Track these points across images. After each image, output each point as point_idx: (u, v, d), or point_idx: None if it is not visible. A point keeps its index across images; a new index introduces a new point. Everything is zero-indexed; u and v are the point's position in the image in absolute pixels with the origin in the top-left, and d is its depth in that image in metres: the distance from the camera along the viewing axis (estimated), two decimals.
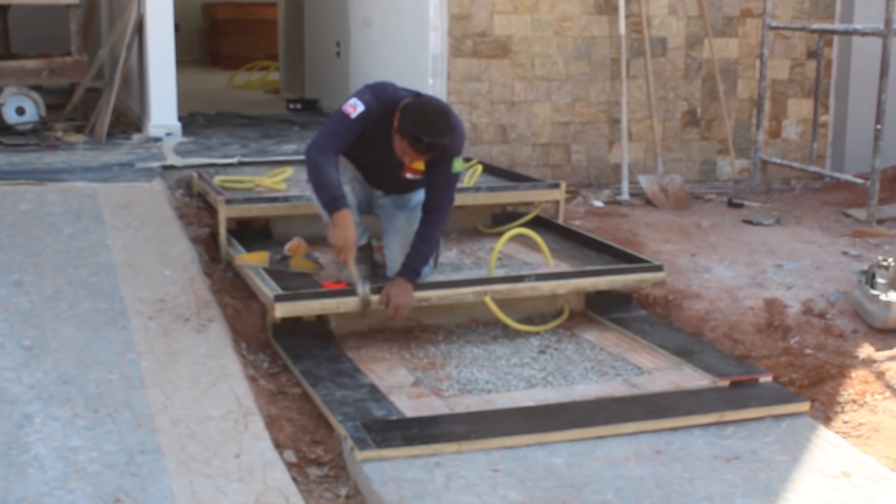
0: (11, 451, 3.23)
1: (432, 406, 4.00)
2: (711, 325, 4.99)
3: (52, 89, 8.44)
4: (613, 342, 4.74)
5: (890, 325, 4.72)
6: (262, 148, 7.13)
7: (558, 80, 7.22)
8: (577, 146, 7.34)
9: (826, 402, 4.40)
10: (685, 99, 7.52)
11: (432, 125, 4.31)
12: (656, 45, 7.38)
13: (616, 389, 4.21)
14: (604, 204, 6.90)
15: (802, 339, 4.82)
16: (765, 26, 7.32)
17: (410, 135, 4.31)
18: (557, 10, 7.15)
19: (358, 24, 8.45)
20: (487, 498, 3.31)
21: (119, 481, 3.09)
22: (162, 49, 7.40)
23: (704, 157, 7.64)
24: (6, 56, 8.39)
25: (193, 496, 3.03)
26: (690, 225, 6.47)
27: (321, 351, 4.46)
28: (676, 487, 3.41)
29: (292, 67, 10.57)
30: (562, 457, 3.60)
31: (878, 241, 6.13)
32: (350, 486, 3.48)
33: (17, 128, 7.35)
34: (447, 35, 6.97)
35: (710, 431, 3.84)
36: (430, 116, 4.33)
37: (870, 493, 3.46)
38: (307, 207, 5.43)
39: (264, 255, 4.81)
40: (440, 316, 4.85)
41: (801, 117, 7.79)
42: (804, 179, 7.81)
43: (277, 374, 4.34)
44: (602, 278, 4.94)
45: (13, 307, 4.33)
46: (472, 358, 4.52)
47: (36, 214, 5.38)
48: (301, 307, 4.45)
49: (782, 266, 5.59)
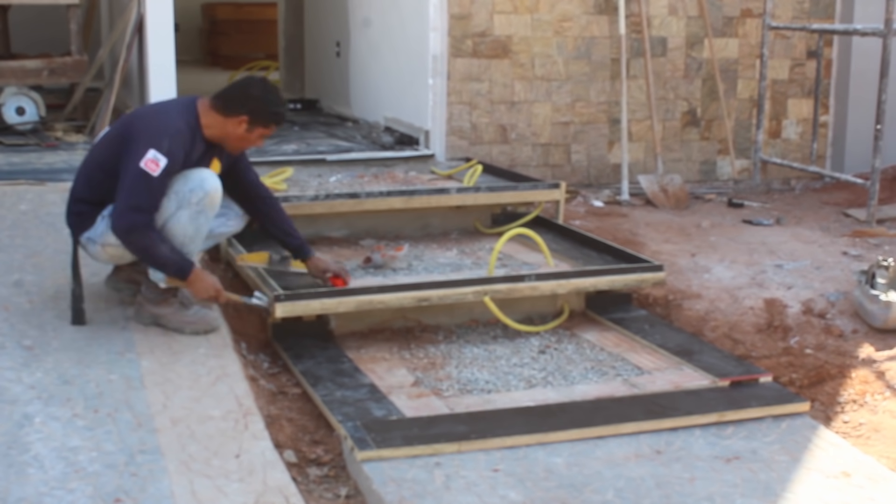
0: (11, 451, 3.23)
1: (432, 406, 4.00)
2: (711, 325, 4.99)
3: (52, 89, 8.43)
4: (613, 342, 4.74)
5: (890, 325, 4.72)
6: (261, 148, 7.11)
7: (558, 80, 7.22)
8: (577, 146, 7.34)
9: (826, 402, 4.40)
10: (685, 99, 7.52)
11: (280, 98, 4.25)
12: (656, 45, 7.38)
13: (616, 389, 4.21)
14: (604, 204, 6.90)
15: (802, 339, 4.82)
16: (765, 26, 7.32)
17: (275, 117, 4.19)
18: (557, 10, 7.15)
19: (358, 24, 8.45)
20: (487, 498, 3.30)
21: (119, 481, 3.09)
22: (162, 49, 7.39)
23: (704, 157, 7.64)
24: (6, 56, 8.38)
25: (193, 496, 3.03)
26: (690, 225, 6.47)
27: (321, 351, 4.46)
28: (676, 487, 3.41)
29: (292, 67, 10.57)
30: (562, 457, 3.60)
31: (878, 241, 6.13)
32: (350, 486, 3.48)
33: (17, 128, 7.34)
34: (447, 35, 6.97)
35: (710, 431, 3.84)
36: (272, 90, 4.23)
37: (870, 493, 3.46)
38: (307, 207, 5.44)
39: (265, 256, 4.81)
40: (440, 316, 4.85)
41: (801, 117, 7.79)
42: (804, 179, 7.81)
43: (277, 374, 4.34)
44: (602, 278, 4.94)
45: (13, 307, 4.33)
46: (472, 358, 4.52)
47: (36, 214, 5.38)
48: (301, 307, 4.45)
49: (782, 266, 5.59)
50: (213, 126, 4.17)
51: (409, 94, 7.40)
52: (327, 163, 6.64)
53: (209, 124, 4.17)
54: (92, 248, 4.25)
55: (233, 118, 4.15)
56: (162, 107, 4.29)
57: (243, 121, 4.15)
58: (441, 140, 7.05)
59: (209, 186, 4.11)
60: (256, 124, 4.16)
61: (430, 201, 5.66)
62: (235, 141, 4.22)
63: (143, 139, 4.00)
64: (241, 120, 4.15)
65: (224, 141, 4.22)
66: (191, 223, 4.10)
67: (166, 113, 4.14)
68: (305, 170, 6.47)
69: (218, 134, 4.19)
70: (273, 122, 4.22)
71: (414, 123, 7.28)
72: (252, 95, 4.17)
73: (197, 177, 4.10)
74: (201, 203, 4.09)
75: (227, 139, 4.21)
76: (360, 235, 5.66)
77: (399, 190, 5.76)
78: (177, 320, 4.24)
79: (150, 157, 3.96)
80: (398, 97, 7.63)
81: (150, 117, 4.15)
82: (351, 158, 6.76)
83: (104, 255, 4.23)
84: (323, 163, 6.64)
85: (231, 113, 4.15)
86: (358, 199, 5.53)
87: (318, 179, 6.26)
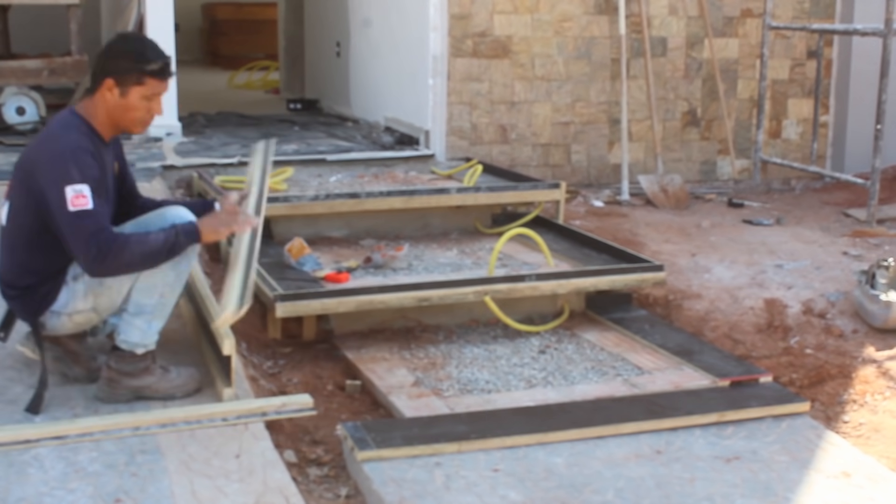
0: (12, 451, 3.23)
1: (432, 406, 4.00)
2: (711, 325, 4.99)
3: (52, 89, 8.44)
4: (613, 342, 4.74)
5: (890, 325, 4.72)
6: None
7: (558, 80, 7.22)
8: (577, 146, 7.34)
9: (826, 402, 4.40)
10: (685, 99, 7.52)
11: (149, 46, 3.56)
12: (656, 45, 7.38)
13: (616, 389, 4.21)
14: (604, 204, 6.90)
15: (802, 339, 4.82)
16: (765, 26, 7.32)
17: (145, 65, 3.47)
18: (557, 10, 7.15)
19: (358, 24, 8.45)
20: (487, 498, 3.31)
21: (119, 481, 3.09)
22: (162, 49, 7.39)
23: (704, 157, 7.64)
24: (6, 56, 8.38)
25: (193, 496, 3.03)
26: (690, 225, 6.47)
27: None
28: (676, 487, 3.41)
29: (292, 67, 10.58)
30: (562, 457, 3.60)
31: (878, 241, 6.13)
32: (350, 486, 3.48)
33: (18, 128, 7.35)
34: (447, 35, 6.97)
35: (710, 431, 3.84)
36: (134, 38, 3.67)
37: (870, 493, 3.46)
38: (307, 207, 5.44)
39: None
40: (440, 316, 4.85)
41: (801, 117, 7.79)
42: (804, 179, 7.81)
43: (277, 374, 4.34)
44: (602, 278, 4.94)
45: None
46: (473, 358, 4.52)
47: None
48: (302, 307, 4.45)
49: (782, 266, 5.59)
50: (96, 114, 3.51)
51: (409, 94, 7.40)
52: (327, 163, 6.65)
53: (92, 114, 3.51)
54: (54, 322, 3.57)
55: (100, 90, 3.48)
56: (46, 133, 3.52)
57: (110, 86, 3.47)
58: (441, 140, 7.06)
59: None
60: (128, 83, 3.46)
61: (430, 201, 5.66)
62: (120, 114, 3.50)
63: (50, 182, 3.37)
64: (108, 85, 3.47)
65: (114, 122, 3.53)
66: (172, 269, 3.52)
67: (54, 138, 3.45)
68: (305, 170, 6.48)
69: (104, 119, 3.52)
70: (146, 72, 3.47)
71: (414, 123, 7.28)
72: (109, 54, 3.51)
73: (170, 215, 3.56)
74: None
75: (114, 120, 3.52)
76: (360, 235, 5.66)
77: (399, 190, 5.76)
78: (164, 388, 3.61)
79: (72, 195, 3.34)
80: (398, 97, 7.64)
81: (42, 152, 3.45)
82: (351, 158, 6.76)
83: (69, 324, 3.58)
84: (323, 163, 6.64)
85: (97, 86, 3.49)
86: (358, 199, 5.54)
87: (318, 179, 6.27)
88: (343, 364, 4.52)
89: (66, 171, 3.36)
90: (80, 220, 3.34)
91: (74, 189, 3.34)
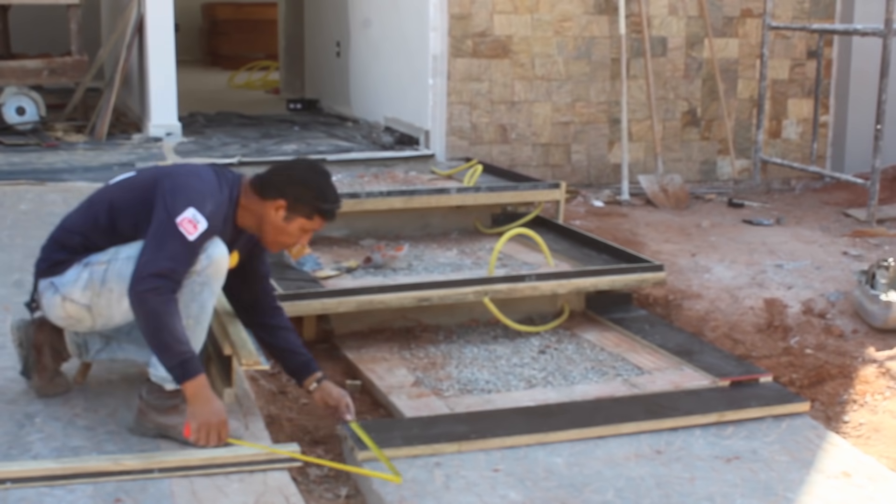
0: (12, 451, 3.23)
1: (432, 406, 4.00)
2: (711, 325, 4.99)
3: (52, 89, 8.44)
4: (613, 342, 4.74)
5: (890, 325, 4.72)
6: (262, 148, 7.13)
7: (558, 80, 7.22)
8: (577, 146, 7.34)
9: (826, 402, 4.40)
10: (685, 99, 7.52)
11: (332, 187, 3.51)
12: (656, 45, 7.38)
13: (616, 389, 4.21)
14: (604, 204, 6.90)
15: (803, 339, 4.82)
16: (765, 26, 7.32)
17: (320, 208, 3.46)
18: (557, 10, 7.15)
19: (358, 24, 8.45)
20: (487, 498, 3.31)
21: (119, 481, 3.09)
22: (162, 49, 7.40)
23: (704, 157, 7.64)
24: (6, 56, 8.39)
25: (194, 496, 3.03)
26: (690, 225, 6.47)
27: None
28: (676, 487, 3.41)
29: (292, 67, 10.58)
30: (562, 457, 3.60)
31: (878, 241, 6.13)
32: (350, 486, 3.48)
33: (18, 128, 7.35)
34: (447, 35, 6.97)
35: (710, 431, 3.84)
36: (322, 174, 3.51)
37: (870, 493, 3.46)
38: None
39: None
40: (440, 316, 4.85)
41: (801, 117, 7.79)
42: (804, 179, 7.81)
43: (277, 373, 4.34)
44: (602, 278, 4.94)
45: (14, 307, 4.33)
46: (473, 358, 4.52)
47: (37, 214, 5.38)
48: (302, 307, 4.45)
49: (782, 266, 5.59)
50: (250, 210, 3.44)
51: (409, 94, 7.40)
52: (327, 163, 6.64)
53: (246, 205, 3.44)
54: (49, 297, 3.44)
55: (270, 202, 3.42)
56: (203, 170, 3.45)
57: (281, 206, 3.40)
58: (441, 140, 7.06)
59: (214, 252, 3.32)
60: (296, 213, 3.42)
61: (430, 201, 5.66)
62: (272, 232, 3.45)
63: (181, 194, 3.27)
64: (279, 205, 3.40)
65: (260, 231, 3.47)
66: (194, 300, 3.31)
67: (209, 178, 3.38)
68: None
69: (253, 221, 3.46)
70: (318, 213, 3.46)
71: (414, 123, 7.28)
72: (294, 178, 3.45)
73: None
74: (205, 272, 3.30)
75: (262, 228, 3.46)
76: (360, 235, 5.66)
77: (399, 190, 5.76)
78: None
79: (189, 217, 3.22)
80: (398, 97, 7.64)
81: (191, 175, 3.39)
82: (351, 158, 6.77)
83: (60, 310, 3.42)
84: (323, 163, 6.64)
85: (269, 195, 3.42)
86: (358, 198, 5.54)
87: None
88: (343, 364, 4.52)
89: (203, 200, 3.28)
90: (170, 242, 3.20)
91: (195, 215, 3.23)
